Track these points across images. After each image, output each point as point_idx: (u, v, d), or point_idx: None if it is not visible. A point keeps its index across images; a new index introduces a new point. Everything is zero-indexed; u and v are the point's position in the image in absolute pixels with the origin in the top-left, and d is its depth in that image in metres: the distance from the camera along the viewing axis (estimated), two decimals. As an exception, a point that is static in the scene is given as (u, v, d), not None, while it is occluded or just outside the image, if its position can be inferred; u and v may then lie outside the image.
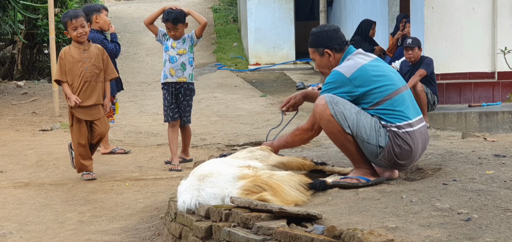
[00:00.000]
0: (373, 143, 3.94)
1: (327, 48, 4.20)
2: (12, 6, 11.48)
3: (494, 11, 9.45)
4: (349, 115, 3.91)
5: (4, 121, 9.56)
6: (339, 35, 4.24)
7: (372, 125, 3.94)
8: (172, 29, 6.64)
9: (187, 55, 6.72)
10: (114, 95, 7.50)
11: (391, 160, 3.98)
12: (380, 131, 3.95)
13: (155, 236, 4.61)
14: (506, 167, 4.19)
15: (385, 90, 4.00)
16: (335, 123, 3.91)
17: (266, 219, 3.35)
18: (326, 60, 4.23)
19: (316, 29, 4.32)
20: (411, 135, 3.98)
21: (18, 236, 4.74)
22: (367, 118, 3.94)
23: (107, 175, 6.47)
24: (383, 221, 3.22)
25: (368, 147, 3.95)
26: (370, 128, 3.93)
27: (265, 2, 16.26)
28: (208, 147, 7.54)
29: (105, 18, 7.25)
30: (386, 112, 3.98)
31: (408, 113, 4.01)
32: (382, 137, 3.94)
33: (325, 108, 3.92)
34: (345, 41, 4.24)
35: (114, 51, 7.26)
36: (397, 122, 3.97)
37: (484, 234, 2.98)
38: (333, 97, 3.94)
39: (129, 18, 19.90)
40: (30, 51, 13.56)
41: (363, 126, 3.92)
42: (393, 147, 3.94)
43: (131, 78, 13.67)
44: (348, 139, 3.94)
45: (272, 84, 13.20)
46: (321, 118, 3.97)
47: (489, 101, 9.51)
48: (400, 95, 4.03)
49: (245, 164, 4.07)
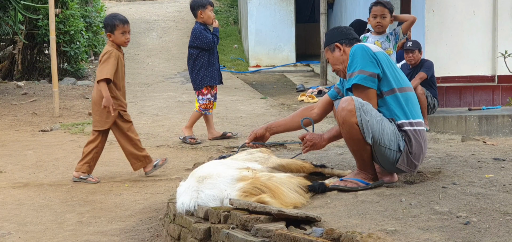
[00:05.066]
0: (394, 148, 3.92)
1: (337, 42, 4.21)
2: (12, 6, 11.49)
3: (495, 14, 9.46)
4: (375, 124, 3.85)
5: (4, 121, 9.56)
6: (350, 32, 4.27)
7: (393, 130, 3.93)
8: (379, 15, 6.26)
9: (392, 56, 6.44)
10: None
11: (409, 162, 3.97)
12: (399, 135, 3.95)
13: (154, 237, 4.60)
14: (505, 171, 4.19)
15: (399, 80, 4.02)
16: (358, 131, 3.84)
17: (265, 221, 3.34)
18: (338, 54, 4.20)
19: (328, 30, 4.39)
20: (421, 133, 3.99)
21: (17, 236, 4.73)
22: (389, 125, 3.92)
23: (106, 176, 6.47)
24: (382, 224, 3.22)
25: (388, 153, 3.92)
26: (392, 133, 3.92)
27: (266, 4, 16.27)
28: (208, 148, 7.53)
29: (209, 14, 7.68)
30: (400, 103, 3.98)
31: (417, 111, 4.04)
32: (400, 141, 3.95)
33: (352, 115, 3.83)
34: (356, 37, 4.25)
35: (210, 41, 7.66)
36: (409, 118, 3.97)
37: (483, 238, 2.97)
38: (362, 104, 3.85)
39: (130, 19, 19.86)
40: (31, 52, 13.57)
41: (387, 133, 3.90)
42: (409, 149, 3.95)
43: (131, 79, 13.68)
44: (366, 148, 3.91)
45: (272, 87, 13.19)
46: (344, 123, 3.87)
47: (489, 104, 9.51)
48: (411, 92, 4.09)
49: (244, 166, 4.07)
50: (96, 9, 16.55)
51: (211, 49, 7.74)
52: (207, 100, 7.79)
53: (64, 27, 13.03)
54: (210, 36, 7.66)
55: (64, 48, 13.09)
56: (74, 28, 13.21)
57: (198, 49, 7.73)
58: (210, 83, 7.79)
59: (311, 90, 11.79)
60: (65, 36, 13.05)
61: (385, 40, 6.41)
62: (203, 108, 7.81)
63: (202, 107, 7.81)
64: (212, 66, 7.79)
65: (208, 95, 7.79)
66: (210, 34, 7.69)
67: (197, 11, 7.71)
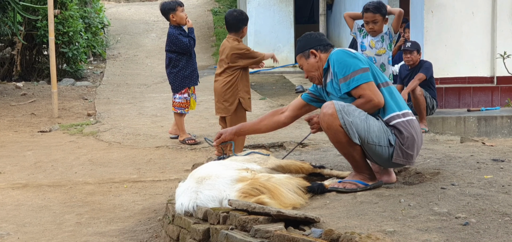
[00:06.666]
0: (384, 144, 3.93)
1: (312, 49, 4.19)
2: (11, 7, 11.48)
3: (494, 15, 9.46)
4: (359, 123, 3.86)
5: (3, 121, 9.55)
6: (324, 38, 4.27)
7: (380, 126, 3.93)
8: (371, 21, 6.33)
9: (386, 55, 6.49)
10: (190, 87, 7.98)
11: (404, 154, 3.96)
12: (387, 130, 3.95)
13: (152, 238, 4.60)
14: (504, 172, 4.19)
15: (379, 76, 4.05)
16: (344, 133, 3.85)
17: (264, 222, 3.34)
18: (313, 61, 4.19)
19: (301, 37, 4.34)
20: (410, 123, 3.99)
21: (16, 237, 4.73)
22: (374, 122, 3.93)
23: (105, 176, 6.47)
24: (381, 225, 3.22)
25: (380, 149, 3.93)
26: (379, 130, 3.92)
27: (265, 5, 16.27)
28: (207, 149, 7.53)
29: (181, 15, 7.68)
30: (387, 96, 3.99)
31: (402, 103, 4.06)
32: (390, 135, 3.95)
33: (334, 118, 3.84)
34: (329, 43, 4.26)
35: (187, 46, 7.67)
36: (402, 109, 3.99)
37: (482, 239, 2.97)
38: (343, 106, 3.86)
39: (129, 20, 19.90)
40: (30, 53, 13.57)
41: (373, 130, 3.90)
42: (400, 141, 3.94)
43: (131, 80, 13.68)
44: (355, 148, 3.92)
45: (271, 87, 13.19)
46: (329, 128, 3.88)
47: (488, 106, 9.50)
48: (392, 86, 4.11)
49: (243, 167, 4.07)
50: (95, 10, 16.55)
51: (189, 52, 7.78)
52: (183, 99, 7.86)
53: (63, 28, 13.03)
54: (186, 40, 7.67)
55: (63, 49, 13.08)
56: (73, 29, 13.20)
57: (176, 53, 7.78)
58: (190, 84, 7.89)
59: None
60: (64, 37, 13.05)
61: (379, 40, 6.47)
62: (178, 107, 7.86)
63: (177, 106, 7.86)
64: (190, 67, 7.88)
65: (185, 94, 7.87)
66: (186, 38, 7.70)
67: (168, 15, 7.73)
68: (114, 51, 16.78)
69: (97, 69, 15.00)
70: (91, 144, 8.01)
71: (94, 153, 7.53)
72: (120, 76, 14.14)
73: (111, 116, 9.77)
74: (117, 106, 10.66)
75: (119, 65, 15.43)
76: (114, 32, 18.17)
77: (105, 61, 15.87)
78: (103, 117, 9.68)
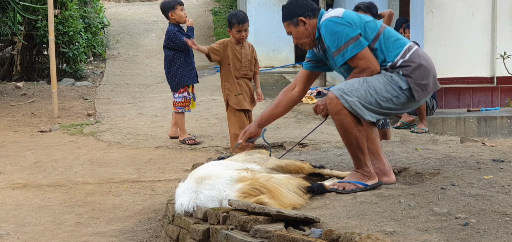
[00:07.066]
0: (397, 92, 3.92)
1: (301, 16, 4.13)
2: (11, 7, 11.48)
3: (494, 16, 9.46)
4: (363, 94, 3.86)
5: (3, 121, 9.55)
6: (310, 2, 4.19)
7: (383, 79, 3.92)
8: None
9: None
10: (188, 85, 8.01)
11: (422, 86, 3.96)
12: (392, 77, 3.93)
13: (152, 238, 4.60)
14: (504, 172, 4.19)
15: (374, 26, 4.02)
16: (351, 116, 3.85)
17: (264, 222, 3.34)
18: (303, 29, 4.14)
19: (286, 3, 4.25)
20: (414, 55, 3.97)
21: (16, 237, 4.73)
22: (377, 80, 3.91)
23: (105, 176, 6.47)
24: (381, 225, 3.22)
25: (397, 99, 3.92)
26: (385, 83, 3.92)
27: (265, 4, 16.27)
28: (207, 149, 7.54)
29: (180, 13, 7.76)
30: (387, 44, 3.97)
31: (400, 41, 4.03)
32: (399, 80, 3.93)
33: (337, 103, 3.85)
34: (316, 7, 4.19)
35: (184, 43, 7.66)
36: (400, 50, 3.97)
37: (482, 239, 2.97)
38: (341, 89, 3.87)
39: (129, 20, 19.89)
40: (30, 53, 13.56)
41: (380, 88, 3.89)
42: (413, 78, 3.93)
43: (130, 80, 13.67)
44: (361, 132, 3.90)
45: (271, 88, 13.18)
46: (336, 114, 3.88)
47: (488, 106, 9.50)
48: (386, 29, 4.07)
49: (243, 167, 4.06)
50: (95, 10, 16.54)
51: (186, 50, 7.81)
52: (183, 98, 7.88)
53: (63, 28, 13.02)
54: (183, 38, 7.70)
55: (63, 49, 13.08)
56: (73, 29, 13.20)
57: (173, 50, 7.82)
58: (188, 83, 7.90)
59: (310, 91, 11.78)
60: (64, 37, 13.04)
61: None
62: (179, 106, 7.87)
63: (178, 106, 7.87)
64: (189, 65, 7.90)
65: (185, 93, 7.89)
66: (184, 36, 7.74)
67: (167, 13, 7.82)
68: (114, 51, 16.77)
69: (97, 69, 15.00)
70: (91, 144, 8.01)
71: (94, 153, 7.53)
72: (120, 76, 14.14)
73: (111, 117, 9.77)
74: (117, 106, 10.66)
75: (119, 65, 15.42)
76: (114, 32, 18.17)
77: (105, 61, 15.87)
78: (103, 117, 9.68)
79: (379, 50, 4.00)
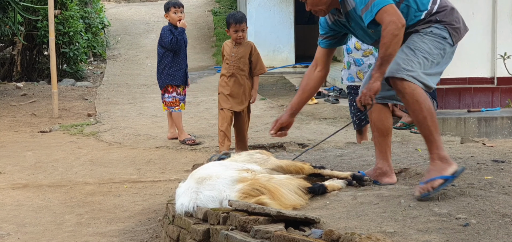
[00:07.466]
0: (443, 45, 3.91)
1: None
2: (12, 8, 11.49)
3: (494, 16, 9.46)
4: (418, 61, 3.81)
5: (3, 122, 9.56)
6: None
7: (427, 38, 3.90)
8: None
9: (374, 56, 6.47)
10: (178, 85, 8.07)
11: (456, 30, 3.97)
12: (433, 31, 3.90)
13: (152, 239, 4.60)
14: (504, 173, 4.19)
15: None
16: (419, 88, 3.80)
17: (264, 222, 3.34)
18: None
19: None
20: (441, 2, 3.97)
21: (16, 237, 4.73)
22: (421, 42, 3.88)
23: (105, 177, 6.47)
24: (381, 226, 3.22)
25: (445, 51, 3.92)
26: (429, 41, 3.89)
27: (265, 5, 16.27)
28: (207, 149, 7.54)
29: (172, 16, 7.95)
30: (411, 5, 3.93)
31: None
32: (439, 31, 3.92)
33: (406, 83, 3.77)
34: None
35: (169, 42, 7.84)
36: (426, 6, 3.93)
37: (482, 240, 2.97)
38: (398, 70, 3.79)
39: (129, 20, 19.90)
40: (30, 53, 13.56)
41: (429, 48, 3.87)
42: (449, 21, 3.94)
43: (131, 81, 13.68)
44: (432, 106, 3.86)
45: (271, 88, 13.18)
46: (405, 93, 3.80)
47: (489, 106, 9.51)
48: None
49: (243, 167, 4.06)
50: (96, 10, 16.54)
51: (177, 50, 7.91)
52: (173, 98, 7.95)
53: (64, 28, 13.03)
54: (170, 37, 7.85)
55: (64, 50, 13.08)
56: (74, 29, 13.21)
57: (164, 49, 7.95)
58: (172, 82, 7.96)
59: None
60: (64, 37, 13.05)
61: None
62: (169, 105, 7.96)
63: (169, 105, 7.96)
64: (175, 66, 7.96)
65: (173, 93, 7.95)
66: (170, 36, 7.86)
67: (165, 13, 8.10)
68: (114, 51, 16.78)
69: (97, 69, 15.00)
70: (91, 144, 8.01)
71: (94, 153, 7.53)
72: (120, 77, 14.14)
73: (111, 117, 9.77)
74: (117, 107, 10.67)
75: (119, 66, 15.43)
76: (114, 33, 18.17)
77: (105, 61, 15.88)
78: (103, 118, 9.69)
79: (412, 0, 3.96)
